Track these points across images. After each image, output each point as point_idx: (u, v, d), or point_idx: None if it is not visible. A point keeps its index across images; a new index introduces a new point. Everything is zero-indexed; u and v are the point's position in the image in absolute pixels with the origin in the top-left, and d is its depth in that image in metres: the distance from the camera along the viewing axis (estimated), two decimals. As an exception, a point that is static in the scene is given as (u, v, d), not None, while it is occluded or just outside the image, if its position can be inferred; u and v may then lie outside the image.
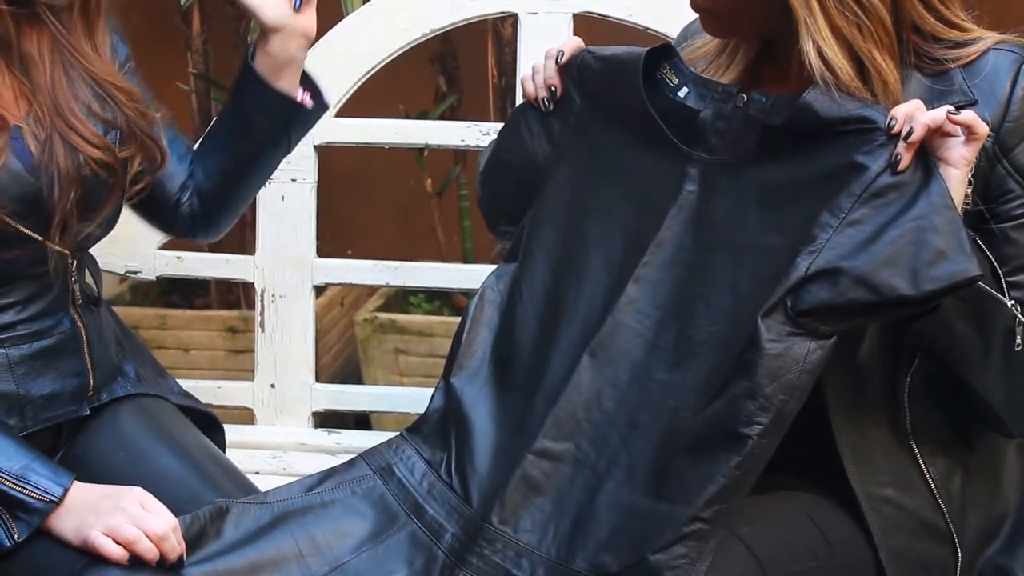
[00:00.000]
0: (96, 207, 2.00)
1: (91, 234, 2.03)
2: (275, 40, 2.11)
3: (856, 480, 1.94)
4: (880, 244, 1.80)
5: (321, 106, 2.22)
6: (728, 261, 1.90)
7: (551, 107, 2.09)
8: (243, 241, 3.27)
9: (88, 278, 2.10)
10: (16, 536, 1.84)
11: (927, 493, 1.99)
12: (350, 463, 2.04)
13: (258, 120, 2.17)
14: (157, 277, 2.73)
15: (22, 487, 1.84)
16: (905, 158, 1.81)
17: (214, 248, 3.10)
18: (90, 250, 2.11)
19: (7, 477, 1.84)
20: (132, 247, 2.62)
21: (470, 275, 2.69)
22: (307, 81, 2.19)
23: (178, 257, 2.71)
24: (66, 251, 1.99)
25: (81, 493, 1.87)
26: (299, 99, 2.17)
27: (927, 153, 1.82)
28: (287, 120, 2.18)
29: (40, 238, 1.94)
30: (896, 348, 1.97)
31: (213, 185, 2.21)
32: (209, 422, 2.24)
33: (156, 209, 2.22)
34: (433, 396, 2.06)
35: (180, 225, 2.26)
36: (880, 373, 1.97)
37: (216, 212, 2.25)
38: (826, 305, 1.81)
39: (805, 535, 1.95)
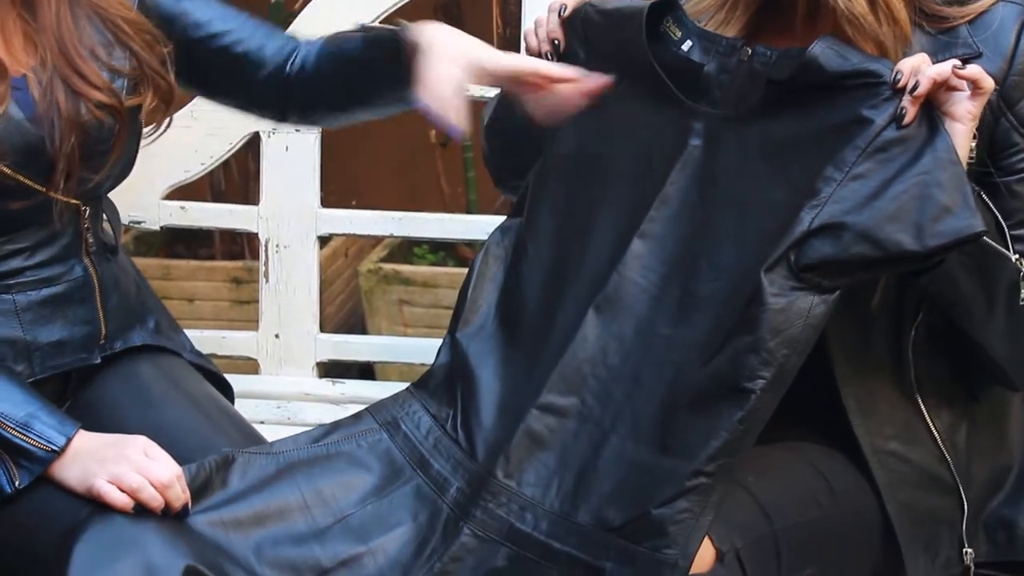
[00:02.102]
0: (102, 154, 1.99)
1: (101, 182, 2.02)
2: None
3: (862, 434, 1.95)
4: (884, 199, 1.80)
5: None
6: (732, 216, 1.90)
7: (554, 61, 2.08)
8: (247, 191, 3.27)
9: (105, 226, 2.10)
10: (17, 483, 1.84)
11: (932, 446, 2.00)
12: (356, 416, 2.05)
13: (383, 94, 2.11)
14: (161, 227, 2.73)
15: (25, 435, 1.85)
16: (910, 112, 1.80)
17: (218, 198, 3.10)
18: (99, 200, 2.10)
19: (11, 424, 1.84)
20: (136, 197, 2.62)
21: (474, 226, 2.69)
22: None
23: (182, 207, 2.71)
24: (74, 200, 1.98)
25: (85, 442, 1.87)
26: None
27: (932, 107, 1.82)
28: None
29: (43, 189, 1.94)
30: (900, 302, 1.97)
31: (320, 76, 2.12)
32: (218, 383, 2.23)
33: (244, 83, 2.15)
34: (439, 351, 2.06)
35: (275, 106, 2.17)
36: (884, 327, 1.98)
37: (314, 105, 2.17)
38: (829, 260, 1.81)
39: (810, 485, 1.96)
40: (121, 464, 1.83)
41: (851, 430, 1.95)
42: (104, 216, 2.09)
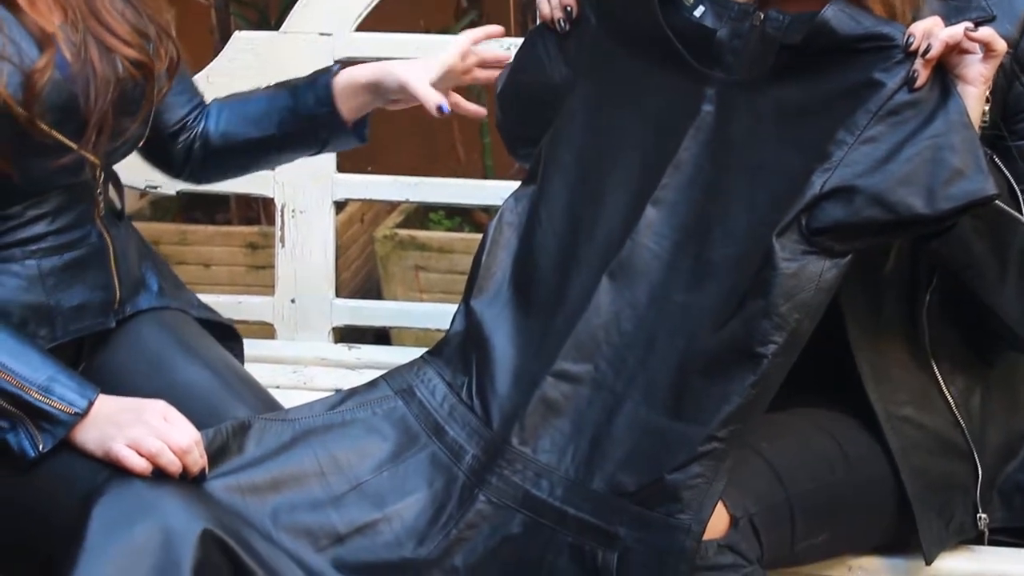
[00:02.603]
0: (132, 111, 2.01)
1: (127, 141, 2.03)
2: (394, 99, 2.18)
3: (876, 399, 1.96)
4: (896, 162, 1.80)
5: (361, 137, 2.25)
6: (745, 181, 1.90)
7: (567, 28, 2.08)
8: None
9: (112, 193, 2.11)
10: (41, 447, 1.85)
11: (947, 411, 2.00)
12: (371, 384, 2.05)
13: (307, 123, 2.20)
14: (177, 192, 2.74)
15: (47, 398, 1.86)
16: (922, 75, 1.80)
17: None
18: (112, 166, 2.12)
19: (33, 388, 1.85)
20: (153, 163, 2.62)
21: (490, 191, 2.69)
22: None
23: (198, 173, 2.71)
24: (97, 161, 2.00)
25: (104, 406, 1.88)
26: (350, 125, 2.21)
27: (945, 70, 1.82)
28: (331, 135, 2.22)
29: (75, 146, 1.95)
30: (914, 268, 1.97)
31: (227, 146, 2.23)
32: (227, 332, 2.26)
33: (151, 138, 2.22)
34: (454, 319, 2.07)
35: (175, 163, 2.27)
36: (898, 293, 1.98)
37: (214, 170, 2.29)
38: (841, 223, 1.81)
39: (825, 451, 1.97)
40: (140, 428, 1.84)
41: (865, 396, 1.96)
42: (110, 183, 2.11)
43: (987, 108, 1.86)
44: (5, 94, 1.87)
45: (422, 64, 2.16)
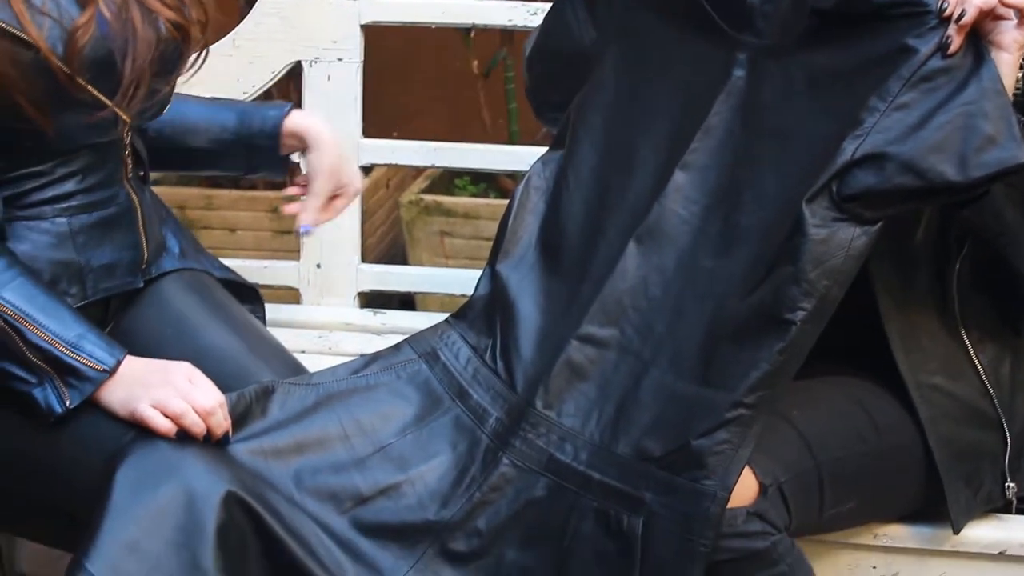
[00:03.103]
0: (168, 72, 2.02)
1: (152, 106, 2.03)
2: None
3: (905, 368, 1.95)
4: (928, 129, 1.78)
5: (283, 171, 2.29)
6: (775, 146, 1.89)
7: None
8: (289, 121, 3.25)
9: (138, 154, 2.11)
10: (68, 403, 1.86)
11: (976, 380, 1.99)
12: (395, 347, 2.05)
13: (243, 148, 2.24)
14: (204, 157, 2.73)
15: (76, 354, 1.86)
16: (956, 41, 1.79)
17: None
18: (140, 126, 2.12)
19: (62, 343, 1.86)
20: (179, 127, 2.62)
21: (516, 157, 2.68)
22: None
23: (224, 137, 2.71)
24: (128, 120, 2.00)
25: (131, 366, 1.89)
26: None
27: (978, 37, 1.80)
28: (263, 165, 2.27)
29: (109, 102, 1.95)
30: (944, 235, 1.96)
31: (157, 143, 2.22)
32: (249, 294, 2.26)
33: None
34: (479, 282, 2.07)
35: None
36: (928, 260, 1.97)
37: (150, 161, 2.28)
38: (871, 190, 1.80)
39: (854, 419, 1.96)
40: (165, 389, 1.85)
41: (895, 364, 1.95)
42: (137, 145, 2.11)
43: (1021, 75, 1.85)
44: (46, 48, 1.87)
45: (340, 160, 2.24)
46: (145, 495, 1.77)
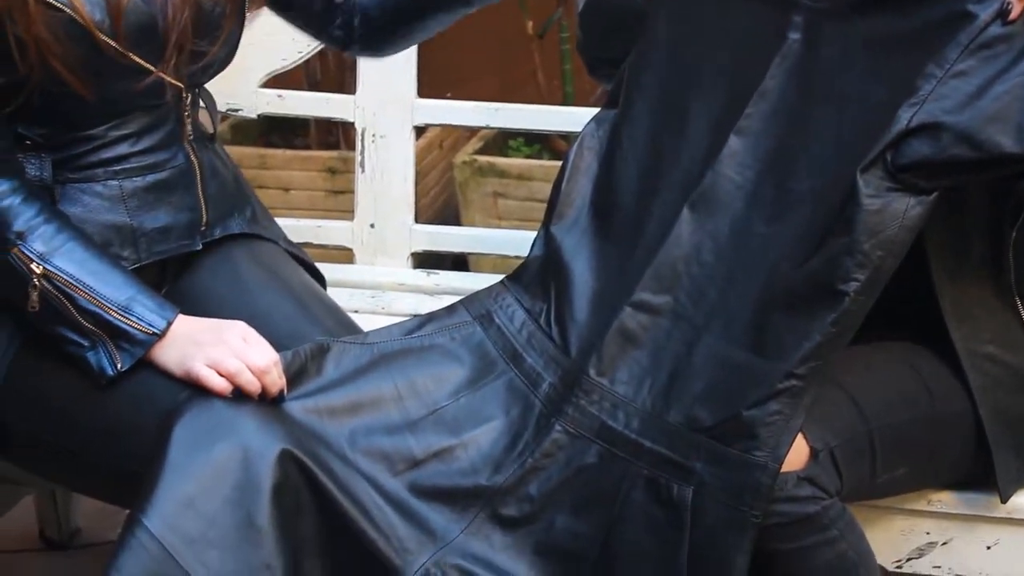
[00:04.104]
0: (212, 33, 2.01)
1: (207, 65, 2.03)
2: None
3: (958, 338, 1.94)
4: (986, 99, 1.77)
5: None
6: (831, 112, 1.87)
7: None
8: (343, 82, 3.27)
9: (203, 114, 2.11)
10: (119, 366, 1.88)
11: (1029, 350, 1.98)
12: (450, 309, 2.06)
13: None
14: (258, 116, 2.75)
15: (127, 318, 1.88)
16: (1016, 8, 1.77)
17: (314, 88, 3.09)
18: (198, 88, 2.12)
19: (112, 307, 1.87)
20: (234, 85, 2.62)
21: (571, 118, 2.67)
22: None
23: (279, 95, 2.72)
24: (180, 83, 2.00)
25: (184, 326, 1.90)
26: None
27: (1039, 5, 1.78)
28: None
29: (154, 68, 1.95)
30: (999, 205, 1.95)
31: (384, 15, 2.17)
32: (312, 273, 2.24)
33: (301, 17, 2.20)
34: (533, 244, 2.06)
35: (341, 44, 2.22)
36: (983, 230, 1.96)
37: (383, 42, 2.22)
38: (927, 161, 1.79)
39: (907, 385, 1.96)
40: (220, 348, 1.86)
41: (947, 333, 1.94)
42: (202, 104, 2.11)
43: (1081, 44, 1.82)
44: (88, 18, 1.88)
45: None
46: (201, 453, 1.79)
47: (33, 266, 1.87)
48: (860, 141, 1.82)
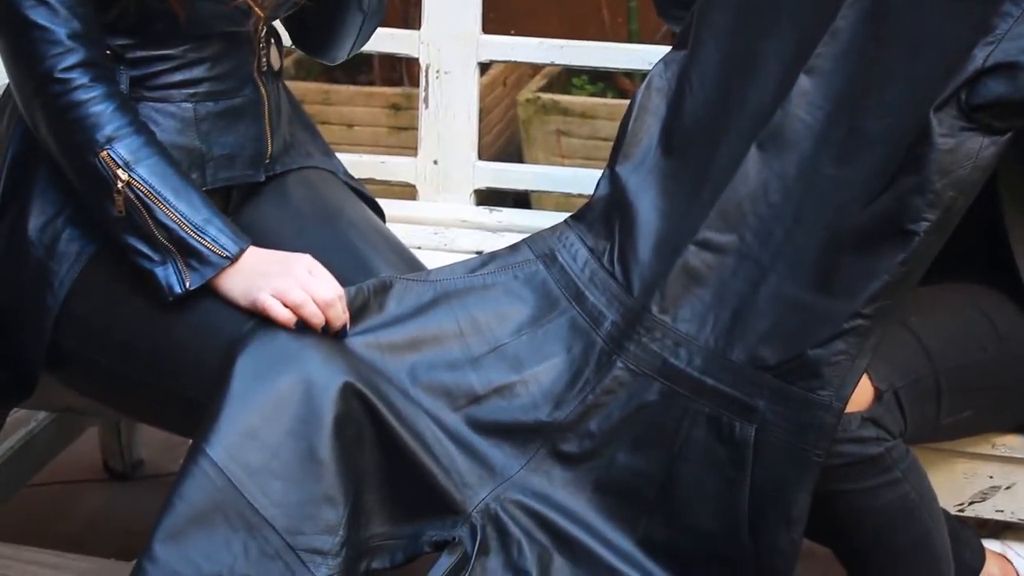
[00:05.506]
0: None
1: (286, 2, 2.04)
2: None
3: None
4: (1064, 38, 1.74)
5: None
6: (903, 52, 1.85)
7: None
8: (407, 17, 3.26)
9: (273, 50, 2.12)
10: (188, 284, 1.88)
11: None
12: (513, 247, 2.05)
13: None
14: (322, 51, 2.74)
15: (202, 237, 1.88)
16: (1095, -53, 1.74)
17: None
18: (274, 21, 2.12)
19: (189, 225, 1.88)
20: (298, 20, 2.62)
21: (636, 56, 2.66)
22: None
23: (344, 31, 2.71)
24: (262, 14, 2.00)
25: (252, 256, 1.90)
26: None
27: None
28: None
29: None
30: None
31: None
32: (370, 205, 2.25)
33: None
34: (598, 184, 2.05)
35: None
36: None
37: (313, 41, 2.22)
38: (1002, 100, 1.76)
39: (976, 328, 1.94)
40: (286, 279, 1.86)
41: (1018, 275, 1.92)
42: (272, 40, 2.11)
43: None
44: None
45: None
46: (264, 384, 1.80)
47: (120, 172, 1.88)
48: (933, 81, 1.80)
